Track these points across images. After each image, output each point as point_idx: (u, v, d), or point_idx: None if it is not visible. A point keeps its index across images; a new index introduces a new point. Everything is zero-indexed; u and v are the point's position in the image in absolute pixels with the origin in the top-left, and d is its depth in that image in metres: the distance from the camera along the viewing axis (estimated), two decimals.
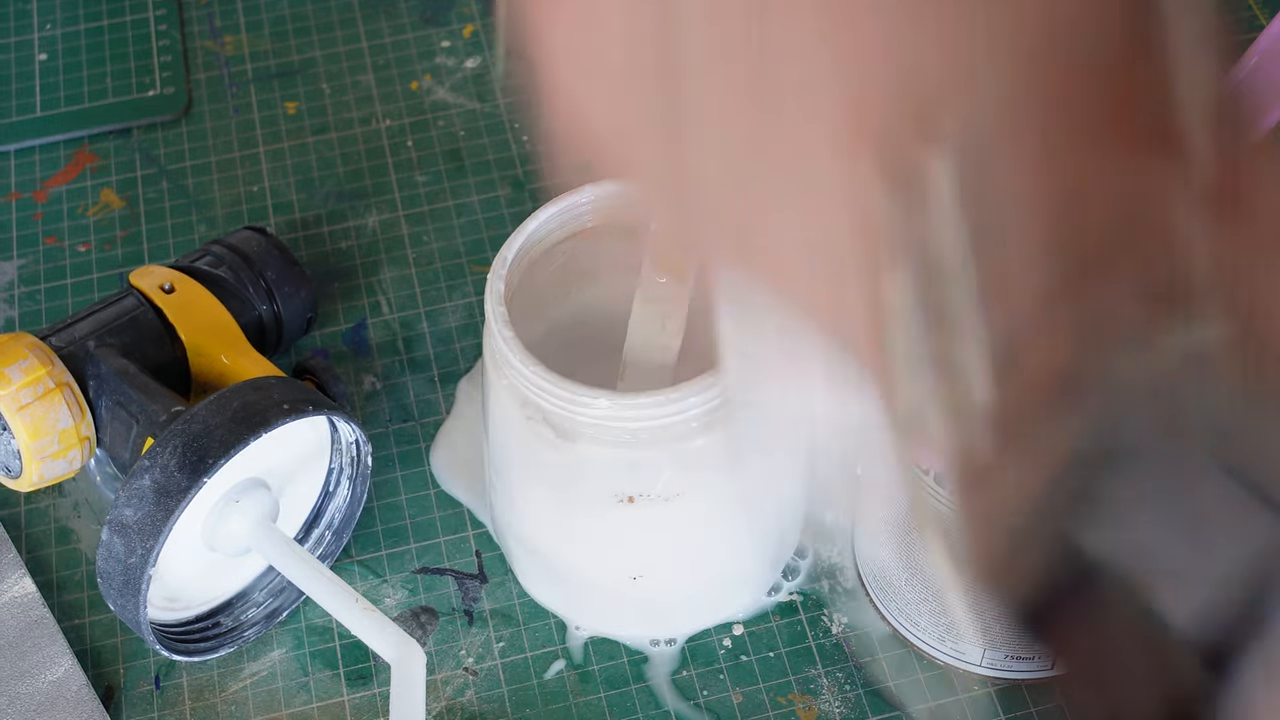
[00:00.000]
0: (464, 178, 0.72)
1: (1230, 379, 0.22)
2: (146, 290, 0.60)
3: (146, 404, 0.55)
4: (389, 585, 0.59)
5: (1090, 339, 0.23)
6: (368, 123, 0.75)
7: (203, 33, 0.79)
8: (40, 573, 0.60)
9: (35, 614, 0.58)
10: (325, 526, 0.60)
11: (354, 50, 0.78)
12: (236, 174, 0.73)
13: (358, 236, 0.70)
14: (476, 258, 0.69)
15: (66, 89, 0.77)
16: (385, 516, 0.61)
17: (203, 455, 0.51)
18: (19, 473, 0.56)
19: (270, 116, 0.75)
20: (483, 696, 0.56)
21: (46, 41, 0.80)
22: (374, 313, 0.68)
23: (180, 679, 0.57)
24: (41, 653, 0.57)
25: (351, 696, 0.57)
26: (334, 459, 0.59)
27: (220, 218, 0.71)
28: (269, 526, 0.55)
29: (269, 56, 0.78)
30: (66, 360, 0.57)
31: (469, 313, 0.67)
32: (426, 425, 0.64)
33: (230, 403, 0.53)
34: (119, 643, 0.58)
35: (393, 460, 0.63)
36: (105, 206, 0.72)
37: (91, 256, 0.70)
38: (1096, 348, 0.23)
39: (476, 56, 0.77)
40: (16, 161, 0.74)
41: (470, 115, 0.75)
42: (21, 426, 0.55)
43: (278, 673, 0.57)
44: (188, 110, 0.76)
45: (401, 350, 0.66)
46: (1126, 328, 0.23)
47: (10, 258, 0.70)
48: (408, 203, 0.71)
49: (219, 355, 0.59)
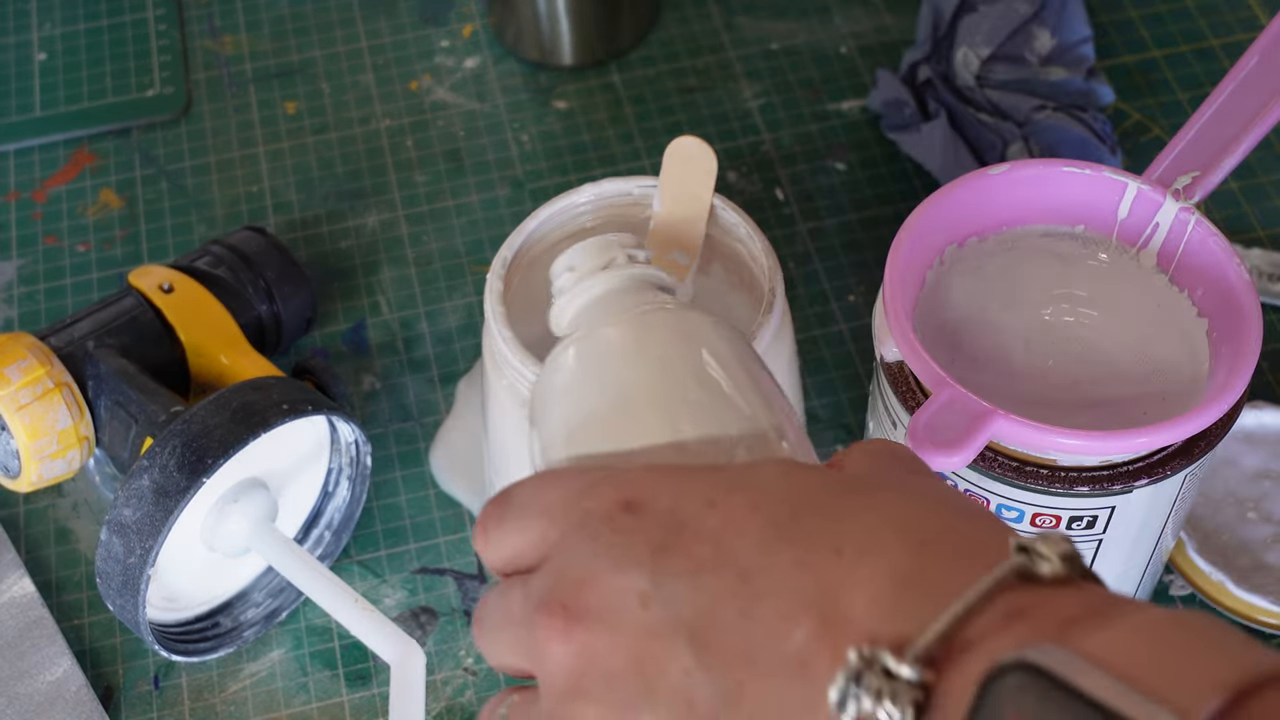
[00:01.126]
0: (463, 178, 0.72)
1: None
2: (146, 290, 0.60)
3: (145, 404, 0.55)
4: (388, 585, 0.59)
5: None
6: (367, 122, 0.75)
7: (202, 32, 0.79)
8: (39, 573, 0.60)
9: (34, 614, 0.58)
10: (324, 526, 0.60)
11: (353, 50, 0.78)
12: (236, 174, 0.73)
13: (357, 236, 0.70)
14: (476, 258, 0.69)
15: (66, 89, 0.77)
16: (384, 516, 0.61)
17: (202, 455, 0.51)
18: (18, 473, 0.56)
19: (270, 116, 0.75)
20: (482, 696, 0.56)
21: (46, 41, 0.80)
22: (373, 313, 0.68)
23: (179, 679, 0.57)
24: (41, 653, 0.57)
25: (351, 697, 0.57)
26: (333, 459, 0.59)
27: (220, 218, 0.71)
28: (268, 527, 0.55)
29: (268, 56, 0.78)
30: (65, 360, 0.57)
31: (468, 313, 0.67)
32: (426, 425, 0.64)
33: (229, 403, 0.53)
34: (118, 643, 0.58)
35: (392, 460, 0.63)
36: (104, 206, 0.72)
37: (91, 256, 0.70)
38: None
39: (476, 56, 0.77)
40: (16, 161, 0.74)
41: (470, 115, 0.75)
42: (20, 426, 0.55)
43: (277, 673, 0.57)
44: (187, 110, 0.76)
45: (401, 350, 0.66)
46: None
47: (10, 258, 0.70)
48: (407, 203, 0.71)
49: (218, 355, 0.59)
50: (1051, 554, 0.29)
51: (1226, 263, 0.49)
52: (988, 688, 0.26)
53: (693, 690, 0.30)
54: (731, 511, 0.32)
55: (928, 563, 0.29)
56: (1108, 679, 0.25)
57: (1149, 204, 0.51)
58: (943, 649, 0.28)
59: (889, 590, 0.29)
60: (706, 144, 0.56)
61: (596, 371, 0.38)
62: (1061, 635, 0.26)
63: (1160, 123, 0.72)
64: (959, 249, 0.53)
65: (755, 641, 0.30)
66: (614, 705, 0.31)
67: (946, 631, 0.28)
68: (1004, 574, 0.28)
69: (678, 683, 0.30)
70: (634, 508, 0.33)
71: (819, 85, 0.75)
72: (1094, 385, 0.52)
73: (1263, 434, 0.59)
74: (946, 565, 0.29)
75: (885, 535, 0.30)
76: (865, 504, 0.31)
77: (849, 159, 0.72)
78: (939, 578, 0.29)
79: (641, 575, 0.31)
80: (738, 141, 0.73)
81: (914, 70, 0.71)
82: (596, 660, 0.31)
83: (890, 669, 0.27)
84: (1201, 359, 0.50)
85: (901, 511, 0.31)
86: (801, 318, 0.66)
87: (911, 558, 0.29)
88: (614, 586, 0.31)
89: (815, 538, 0.30)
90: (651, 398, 0.37)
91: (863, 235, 0.69)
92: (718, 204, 0.56)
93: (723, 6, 0.79)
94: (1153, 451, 0.47)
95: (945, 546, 0.30)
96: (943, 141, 0.68)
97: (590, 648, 0.31)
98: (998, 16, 0.69)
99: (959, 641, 0.28)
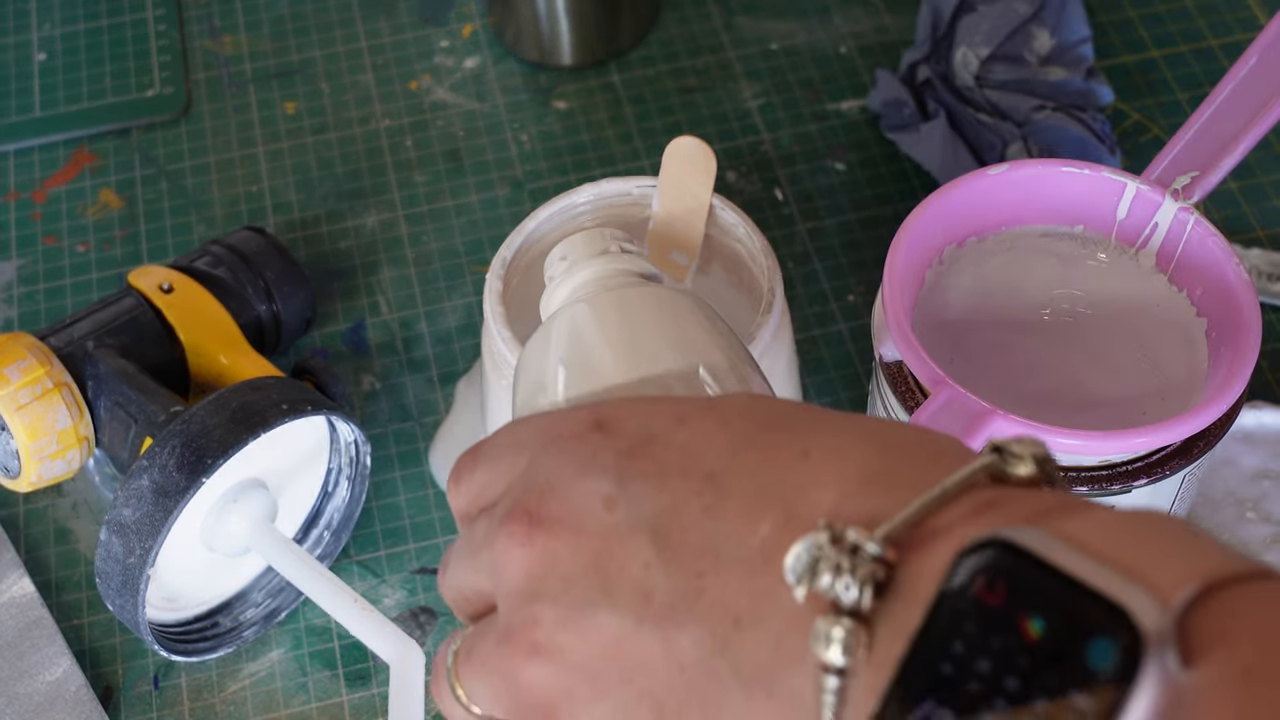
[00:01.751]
0: (463, 177, 0.72)
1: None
2: (145, 290, 0.60)
3: (145, 404, 0.55)
4: (388, 585, 0.59)
5: None
6: (367, 123, 0.75)
7: (202, 33, 0.79)
8: (39, 573, 0.60)
9: (34, 614, 0.58)
10: (324, 526, 0.60)
11: (353, 50, 0.78)
12: (235, 174, 0.73)
13: (357, 236, 0.70)
14: (475, 258, 0.69)
15: (65, 89, 0.77)
16: (384, 516, 0.61)
17: (201, 455, 0.51)
18: (17, 473, 0.56)
19: (269, 116, 0.75)
20: None
21: (46, 41, 0.80)
22: (373, 313, 0.68)
23: (179, 679, 0.57)
24: (40, 653, 0.57)
25: (350, 697, 0.57)
26: (333, 459, 0.59)
27: (219, 218, 0.71)
28: (268, 527, 0.55)
29: (268, 56, 0.78)
30: (65, 360, 0.57)
31: (468, 313, 0.67)
32: (425, 425, 0.64)
33: (229, 403, 0.53)
34: (118, 643, 0.58)
35: (392, 460, 0.63)
36: (104, 206, 0.72)
37: (90, 256, 0.70)
38: None
39: (475, 56, 0.77)
40: (15, 161, 0.74)
41: (469, 115, 0.75)
42: (20, 427, 0.55)
43: (276, 673, 0.57)
44: (187, 110, 0.76)
45: (400, 350, 0.66)
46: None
47: (9, 258, 0.70)
48: (407, 203, 0.71)
49: (218, 355, 0.59)
50: (1025, 453, 0.28)
51: (1226, 262, 0.49)
52: (958, 564, 0.25)
53: (651, 584, 0.30)
54: (701, 425, 0.31)
55: (897, 463, 0.29)
56: (1084, 558, 0.24)
57: (1148, 204, 0.51)
58: (911, 536, 0.27)
59: (857, 486, 0.29)
60: (706, 144, 0.56)
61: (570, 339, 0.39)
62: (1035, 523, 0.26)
63: (1159, 123, 0.72)
64: (958, 249, 0.53)
65: (718, 536, 0.29)
66: (570, 605, 0.31)
67: (916, 518, 0.27)
68: (977, 469, 0.28)
69: (637, 577, 0.30)
70: (604, 426, 0.33)
71: (818, 85, 0.75)
72: (1093, 385, 0.52)
73: (1262, 434, 0.59)
74: (916, 466, 0.29)
75: (854, 441, 0.30)
76: (835, 420, 0.31)
77: (848, 159, 0.72)
78: (909, 476, 0.28)
79: (607, 479, 0.31)
80: (737, 141, 0.73)
81: (913, 70, 0.71)
82: (557, 563, 0.31)
83: (856, 544, 0.27)
84: (1201, 359, 0.50)
85: (872, 425, 0.31)
86: (801, 318, 0.66)
87: (880, 458, 0.29)
88: (578, 490, 0.31)
89: (784, 444, 0.30)
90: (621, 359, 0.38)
91: (862, 235, 0.69)
92: (717, 204, 0.56)
93: (722, 6, 0.79)
94: (1151, 451, 0.47)
95: (916, 450, 0.30)
96: (942, 141, 0.68)
97: (551, 550, 0.31)
98: (997, 16, 0.69)
99: (928, 529, 0.27)
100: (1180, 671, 0.23)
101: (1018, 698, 0.23)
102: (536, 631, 0.31)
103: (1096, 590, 0.23)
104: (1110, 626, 0.23)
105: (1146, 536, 0.25)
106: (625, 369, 0.37)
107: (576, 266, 0.42)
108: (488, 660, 0.33)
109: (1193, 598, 0.23)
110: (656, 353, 0.38)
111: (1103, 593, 0.23)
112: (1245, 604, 0.24)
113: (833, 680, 0.26)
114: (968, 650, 0.24)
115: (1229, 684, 0.22)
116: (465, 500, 0.36)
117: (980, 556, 0.25)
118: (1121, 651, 0.23)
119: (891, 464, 0.29)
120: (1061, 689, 0.23)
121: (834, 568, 0.27)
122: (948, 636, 0.25)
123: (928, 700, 0.25)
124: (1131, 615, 0.23)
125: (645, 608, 0.30)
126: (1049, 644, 0.24)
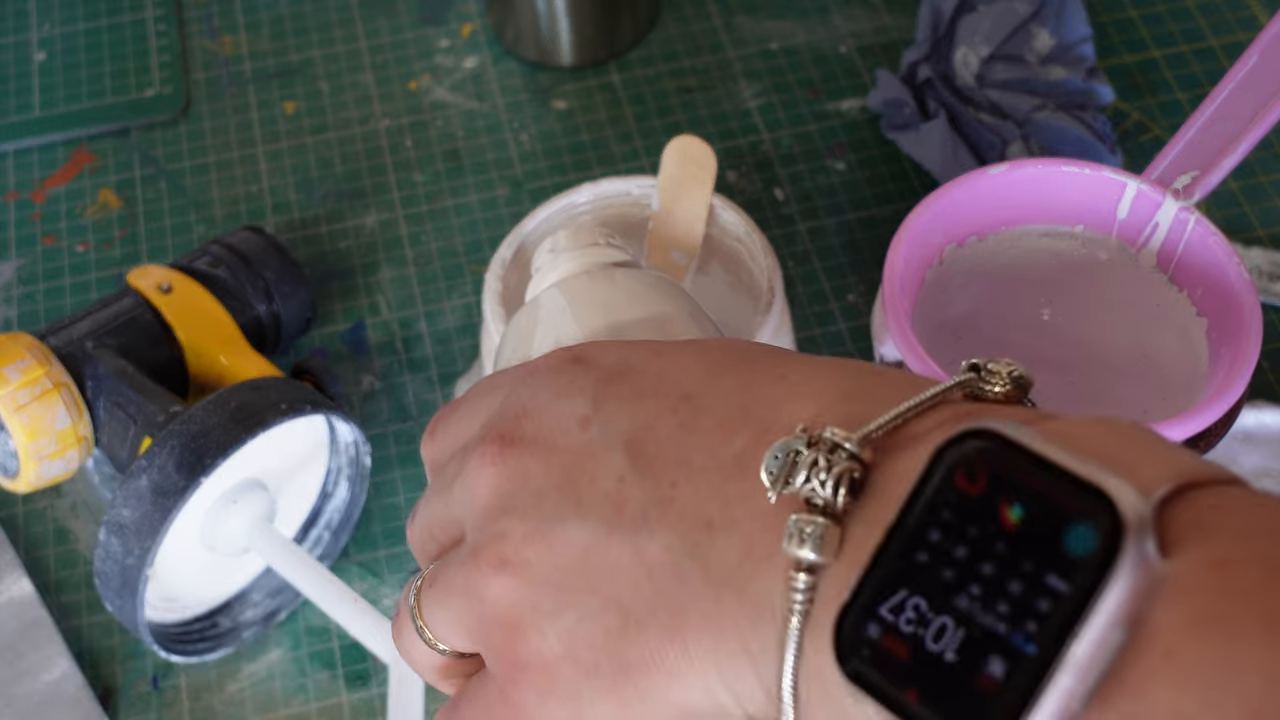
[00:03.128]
0: (462, 177, 0.72)
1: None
2: (145, 290, 0.60)
3: (144, 404, 0.55)
4: (387, 586, 0.59)
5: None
6: (366, 122, 0.75)
7: (201, 32, 0.79)
8: (38, 573, 0.60)
9: (33, 615, 0.58)
10: (323, 527, 0.60)
11: (352, 50, 0.78)
12: (235, 174, 0.73)
13: (356, 236, 0.70)
14: (475, 257, 0.69)
15: (65, 89, 0.77)
16: (384, 517, 0.61)
17: (200, 455, 0.51)
18: (16, 473, 0.56)
19: (269, 116, 0.75)
20: None
21: (45, 41, 0.80)
22: (372, 313, 0.68)
23: (178, 680, 0.57)
24: (39, 653, 0.57)
25: (350, 697, 0.56)
26: (332, 459, 0.59)
27: (218, 217, 0.71)
28: (267, 527, 0.55)
29: (267, 56, 0.78)
30: (64, 360, 0.57)
31: (467, 313, 0.67)
32: (425, 425, 0.64)
33: (228, 403, 0.53)
34: (117, 643, 0.58)
35: (391, 460, 0.63)
36: (103, 206, 0.72)
37: (90, 256, 0.70)
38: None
39: (475, 56, 0.77)
40: (15, 161, 0.74)
41: (469, 115, 0.75)
42: (19, 427, 0.55)
43: (276, 673, 0.57)
44: (186, 110, 0.76)
45: (400, 350, 0.66)
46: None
47: (9, 258, 0.70)
48: (406, 203, 0.71)
49: (217, 355, 0.59)
50: (1001, 370, 0.28)
51: (1226, 262, 0.49)
52: (939, 457, 0.25)
53: (624, 494, 0.30)
54: (678, 355, 0.32)
55: (874, 385, 0.29)
56: (1066, 449, 0.24)
57: (1148, 204, 0.51)
58: (889, 440, 0.27)
59: (834, 402, 0.29)
60: (706, 144, 0.56)
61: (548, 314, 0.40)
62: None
63: (1160, 122, 0.72)
64: (959, 249, 0.53)
65: (692, 447, 0.29)
66: (540, 518, 0.31)
67: (894, 424, 0.27)
68: (953, 385, 0.28)
69: (609, 490, 0.30)
70: (582, 359, 0.33)
71: (818, 85, 0.75)
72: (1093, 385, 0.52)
73: (1262, 433, 0.59)
74: (894, 388, 0.29)
75: (832, 367, 0.30)
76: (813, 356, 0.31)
77: (848, 159, 0.72)
78: (885, 395, 0.29)
79: (583, 400, 0.31)
80: (737, 141, 0.73)
81: (913, 70, 0.71)
82: (528, 479, 0.31)
83: (834, 443, 0.27)
84: (1201, 358, 0.50)
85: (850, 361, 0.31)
86: (801, 317, 0.66)
87: (857, 380, 0.29)
88: (554, 412, 0.31)
89: (761, 370, 0.30)
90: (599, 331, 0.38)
91: (862, 235, 0.69)
92: (717, 204, 0.56)
93: (722, 6, 0.79)
94: None
95: (893, 377, 0.30)
96: (942, 141, 0.68)
97: (523, 466, 0.31)
98: (997, 16, 0.69)
99: (906, 434, 0.27)
100: (1158, 560, 0.23)
101: (992, 582, 0.24)
102: (504, 545, 0.31)
103: (1079, 476, 0.24)
104: (1091, 513, 0.23)
105: (1126, 437, 0.25)
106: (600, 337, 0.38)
107: (561, 256, 0.43)
108: (452, 582, 0.32)
109: (1171, 492, 0.24)
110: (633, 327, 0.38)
111: (1085, 479, 0.23)
112: (1221, 501, 0.24)
113: (803, 578, 0.26)
114: (944, 538, 0.24)
115: (1205, 572, 0.23)
116: (437, 450, 0.36)
117: (961, 448, 0.25)
118: (1101, 537, 0.23)
119: (869, 385, 0.29)
120: (1038, 573, 0.23)
121: (810, 465, 0.27)
122: (924, 526, 0.25)
123: (901, 589, 0.25)
124: (1114, 501, 0.23)
125: (616, 517, 0.30)
126: (1028, 529, 0.24)
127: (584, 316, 0.39)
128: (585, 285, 0.40)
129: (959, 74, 0.69)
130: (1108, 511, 0.23)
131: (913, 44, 0.73)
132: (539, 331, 0.39)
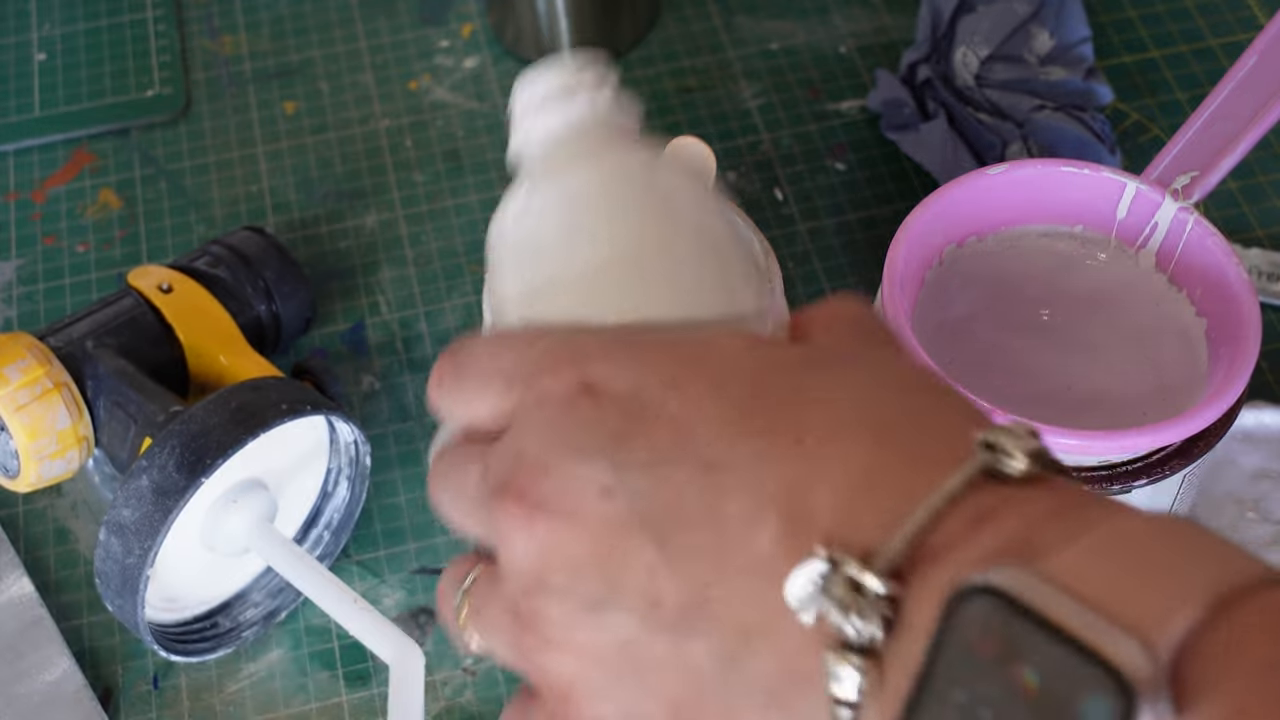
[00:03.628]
0: (462, 177, 0.72)
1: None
2: (145, 290, 0.60)
3: (144, 404, 0.55)
4: (387, 585, 0.59)
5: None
6: (366, 122, 0.75)
7: (201, 32, 0.79)
8: (38, 573, 0.60)
9: (33, 614, 0.58)
10: (324, 527, 0.60)
11: (352, 50, 0.78)
12: (235, 174, 0.73)
13: (356, 236, 0.70)
14: (475, 257, 0.69)
15: (65, 89, 0.77)
16: (384, 516, 0.61)
17: (201, 455, 0.51)
18: (17, 473, 0.56)
19: (269, 116, 0.75)
20: (481, 697, 0.56)
21: (45, 41, 0.80)
22: (372, 313, 0.68)
23: (178, 679, 0.57)
24: (39, 653, 0.57)
25: (350, 697, 0.56)
26: (332, 459, 0.59)
27: (219, 217, 0.71)
28: (267, 527, 0.55)
29: (267, 56, 0.78)
30: (64, 360, 0.57)
31: (467, 313, 0.67)
32: (425, 425, 0.64)
33: (228, 403, 0.53)
34: (117, 643, 0.58)
35: (391, 460, 0.63)
36: (104, 206, 0.72)
37: (90, 256, 0.70)
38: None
39: (475, 56, 0.77)
40: (15, 161, 0.74)
41: (469, 115, 0.75)
42: (19, 427, 0.55)
43: (276, 673, 0.57)
44: (186, 110, 0.76)
45: (400, 350, 0.66)
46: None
47: (9, 258, 0.70)
48: (406, 202, 0.71)
49: (217, 355, 0.59)
50: (1018, 452, 0.28)
51: (1225, 262, 0.49)
52: (953, 609, 0.25)
53: (658, 589, 0.29)
54: (692, 391, 0.31)
55: (890, 455, 0.29)
56: (1072, 604, 0.24)
57: (1148, 204, 0.51)
58: (908, 559, 0.27)
59: (852, 486, 0.28)
60: (705, 144, 0.56)
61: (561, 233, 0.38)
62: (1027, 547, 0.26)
63: (1159, 122, 0.72)
64: (958, 249, 0.53)
65: (720, 540, 0.29)
66: (580, 604, 0.30)
67: (912, 539, 0.27)
68: (970, 474, 0.28)
69: (642, 581, 0.30)
70: (593, 391, 0.32)
71: (818, 85, 0.75)
72: (1093, 385, 0.52)
73: (1262, 434, 0.59)
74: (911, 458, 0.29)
75: (847, 421, 0.29)
76: (827, 383, 0.30)
77: (848, 159, 0.72)
78: (903, 473, 0.28)
79: (603, 465, 0.31)
80: (737, 141, 0.73)
81: (913, 70, 0.71)
82: (560, 551, 0.31)
83: (856, 579, 0.27)
84: (1200, 358, 0.50)
85: (863, 394, 0.30)
86: None
87: (874, 449, 0.29)
88: (574, 475, 0.31)
89: (776, 425, 0.30)
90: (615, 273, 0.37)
91: (862, 235, 0.69)
92: None
93: (722, 6, 0.79)
94: (1151, 451, 0.47)
95: (909, 434, 0.29)
96: (942, 141, 0.68)
97: (553, 537, 0.31)
98: (997, 16, 0.69)
99: (925, 550, 0.27)
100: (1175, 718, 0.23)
101: None
102: (548, 628, 0.31)
103: (1085, 645, 0.24)
104: (1100, 685, 0.23)
105: (1144, 559, 0.25)
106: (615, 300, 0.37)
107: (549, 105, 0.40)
108: (502, 633, 0.33)
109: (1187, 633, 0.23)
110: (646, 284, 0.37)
111: (1092, 649, 0.23)
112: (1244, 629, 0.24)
113: (845, 712, 0.27)
114: (969, 700, 0.25)
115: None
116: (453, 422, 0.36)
117: (972, 605, 0.25)
118: (1115, 712, 0.23)
119: (885, 459, 0.29)
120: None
121: (839, 603, 0.27)
122: (949, 684, 0.25)
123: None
124: (1122, 673, 0.23)
125: (654, 612, 0.30)
126: (1046, 698, 0.24)
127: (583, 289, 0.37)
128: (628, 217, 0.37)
129: (959, 74, 0.69)
130: (1117, 681, 0.23)
131: (912, 44, 0.73)
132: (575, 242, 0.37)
